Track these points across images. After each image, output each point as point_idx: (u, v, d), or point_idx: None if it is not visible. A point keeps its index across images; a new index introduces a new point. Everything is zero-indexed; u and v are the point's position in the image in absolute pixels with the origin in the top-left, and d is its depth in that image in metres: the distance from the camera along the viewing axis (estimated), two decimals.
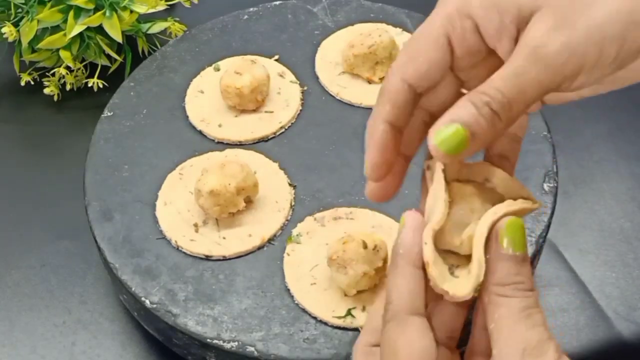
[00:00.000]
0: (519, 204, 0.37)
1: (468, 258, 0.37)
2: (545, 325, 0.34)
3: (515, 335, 0.34)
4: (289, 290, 0.53)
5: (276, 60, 0.67)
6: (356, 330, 0.51)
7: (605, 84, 0.36)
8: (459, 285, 0.36)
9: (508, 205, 0.37)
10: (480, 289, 0.35)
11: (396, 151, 0.39)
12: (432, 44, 0.36)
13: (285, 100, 0.64)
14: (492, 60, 0.37)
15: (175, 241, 0.55)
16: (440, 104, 0.38)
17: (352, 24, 0.69)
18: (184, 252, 0.55)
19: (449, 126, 0.34)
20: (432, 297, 0.37)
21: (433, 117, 0.37)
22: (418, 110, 0.39)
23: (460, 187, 0.38)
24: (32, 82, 0.73)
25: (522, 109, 0.34)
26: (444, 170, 0.37)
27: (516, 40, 0.35)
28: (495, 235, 0.35)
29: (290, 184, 0.59)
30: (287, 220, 0.57)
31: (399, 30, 0.68)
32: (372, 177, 0.39)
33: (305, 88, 0.65)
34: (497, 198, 0.38)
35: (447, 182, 0.37)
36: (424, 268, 0.36)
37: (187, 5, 0.77)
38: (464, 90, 0.38)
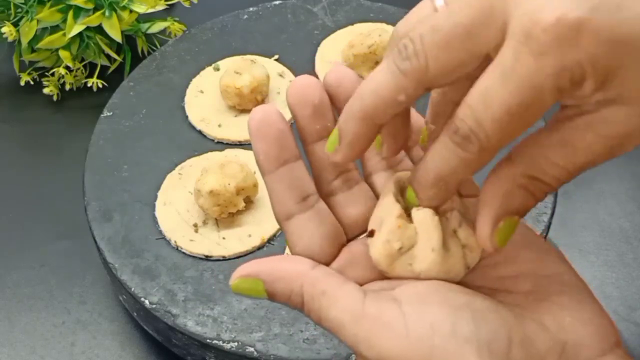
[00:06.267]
0: None
1: None
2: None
3: None
4: None
5: (276, 60, 0.67)
6: None
7: None
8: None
9: None
10: None
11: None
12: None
13: (285, 100, 0.63)
14: None
15: (175, 241, 0.55)
16: None
17: (352, 24, 0.69)
18: (184, 252, 0.55)
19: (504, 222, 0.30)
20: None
21: None
22: None
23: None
24: (32, 82, 0.73)
25: None
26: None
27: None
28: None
29: None
30: None
31: None
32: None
33: None
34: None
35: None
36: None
37: (186, 5, 0.77)
38: None
